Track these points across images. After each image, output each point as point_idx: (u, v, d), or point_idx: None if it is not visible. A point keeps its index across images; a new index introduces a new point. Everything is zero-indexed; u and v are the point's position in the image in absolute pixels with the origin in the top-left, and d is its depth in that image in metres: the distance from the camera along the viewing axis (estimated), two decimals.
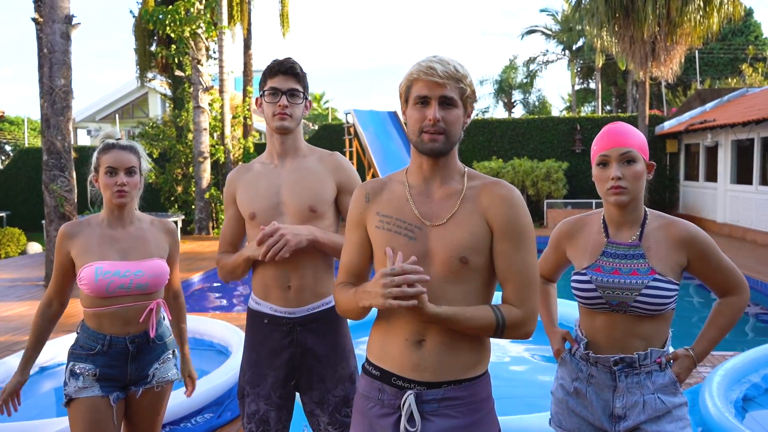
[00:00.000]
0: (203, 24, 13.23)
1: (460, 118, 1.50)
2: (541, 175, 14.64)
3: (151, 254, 2.23)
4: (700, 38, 14.05)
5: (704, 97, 16.57)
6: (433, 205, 1.53)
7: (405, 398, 1.49)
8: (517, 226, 1.50)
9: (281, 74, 2.02)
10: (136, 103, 25.33)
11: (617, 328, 1.76)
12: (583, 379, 1.81)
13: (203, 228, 14.18)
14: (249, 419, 2.05)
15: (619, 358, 1.75)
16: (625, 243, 1.78)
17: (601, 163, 1.78)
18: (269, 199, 2.05)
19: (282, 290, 2.03)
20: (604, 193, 1.78)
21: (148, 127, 15.49)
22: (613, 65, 28.71)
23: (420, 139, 1.49)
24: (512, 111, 38.04)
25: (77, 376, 2.14)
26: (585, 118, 16.69)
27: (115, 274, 2.13)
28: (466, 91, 1.49)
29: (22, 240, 12.67)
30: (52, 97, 7.90)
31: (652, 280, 1.70)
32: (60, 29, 7.85)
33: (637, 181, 1.74)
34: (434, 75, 1.45)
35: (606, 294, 1.75)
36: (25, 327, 6.13)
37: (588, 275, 1.78)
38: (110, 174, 2.16)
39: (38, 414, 3.99)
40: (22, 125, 36.53)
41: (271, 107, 2.03)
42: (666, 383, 1.74)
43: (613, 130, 1.78)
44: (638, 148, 1.75)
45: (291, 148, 2.10)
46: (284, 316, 2.03)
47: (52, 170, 7.95)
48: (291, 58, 2.06)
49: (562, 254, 1.93)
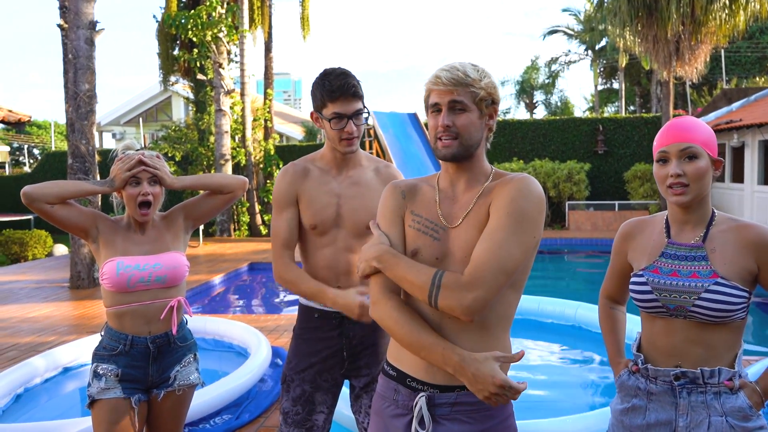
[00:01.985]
0: (225, 28, 13.36)
1: (475, 121, 1.50)
2: (563, 177, 14.50)
3: (167, 248, 2.29)
4: (726, 37, 13.78)
5: (730, 97, 16.27)
6: (456, 207, 1.54)
7: (417, 400, 1.50)
8: (510, 207, 1.43)
9: (343, 98, 1.97)
10: (159, 107, 25.66)
11: (677, 335, 1.64)
12: (642, 396, 1.70)
13: (225, 230, 14.31)
14: (294, 402, 2.08)
15: (681, 372, 1.62)
16: (687, 244, 1.66)
17: (661, 159, 1.65)
18: (329, 211, 2.08)
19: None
20: (664, 192, 1.66)
21: (171, 131, 15.69)
22: (636, 65, 28.35)
23: (436, 146, 1.52)
24: (534, 112, 37.77)
25: (100, 377, 2.17)
26: (608, 118, 16.49)
27: (135, 267, 2.18)
28: (478, 94, 1.49)
29: (48, 242, 12.91)
30: (76, 101, 8.04)
31: (714, 283, 1.58)
32: (84, 35, 7.99)
33: (701, 178, 1.60)
34: (440, 83, 1.49)
35: (662, 297, 1.63)
36: (50, 328, 6.24)
37: (644, 276, 1.67)
38: (134, 185, 2.23)
39: (62, 414, 4.05)
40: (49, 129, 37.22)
41: (338, 134, 2.02)
42: (739, 407, 1.59)
43: (674, 124, 1.65)
44: (702, 144, 1.62)
45: (351, 160, 2.13)
46: (333, 311, 2.08)
47: (76, 173, 8.08)
48: (347, 74, 2.00)
49: (624, 259, 1.81)
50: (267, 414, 3.87)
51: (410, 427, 1.51)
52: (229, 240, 13.85)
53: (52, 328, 6.24)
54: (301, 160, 2.17)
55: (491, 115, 1.54)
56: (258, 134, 15.35)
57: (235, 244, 12.94)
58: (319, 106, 2.02)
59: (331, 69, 2.02)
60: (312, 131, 22.41)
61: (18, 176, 19.64)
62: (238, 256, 11.23)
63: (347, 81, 1.98)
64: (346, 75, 1.99)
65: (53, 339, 5.77)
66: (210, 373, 4.70)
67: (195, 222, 2.42)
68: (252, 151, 14.82)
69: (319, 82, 2.01)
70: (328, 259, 2.08)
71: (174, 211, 2.39)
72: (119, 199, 2.32)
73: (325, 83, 1.98)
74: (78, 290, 8.24)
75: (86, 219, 2.23)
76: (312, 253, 2.11)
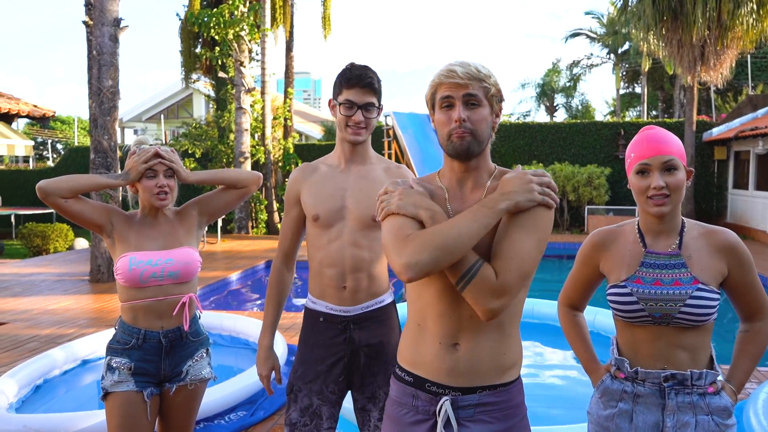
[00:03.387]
0: (246, 26, 13.44)
1: (487, 117, 1.49)
2: (583, 181, 14.37)
3: (180, 243, 2.31)
4: (753, 42, 13.56)
5: (756, 103, 16.00)
6: (464, 207, 1.51)
7: (441, 404, 1.48)
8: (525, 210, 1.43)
9: (358, 87, 2.02)
10: (181, 104, 25.90)
11: (661, 341, 1.69)
12: (628, 399, 1.73)
13: (243, 227, 14.40)
14: (302, 413, 2.07)
15: (670, 374, 1.67)
16: (665, 252, 1.71)
17: (641, 171, 1.70)
18: (334, 202, 2.09)
19: (338, 290, 2.08)
20: (643, 202, 1.71)
21: (192, 128, 15.82)
22: (659, 69, 27.99)
23: (449, 141, 1.47)
24: (554, 115, 37.48)
25: (113, 370, 2.20)
26: (629, 123, 16.30)
27: (148, 263, 2.21)
28: (490, 90, 1.48)
29: (69, 236, 13.09)
30: (99, 97, 8.14)
31: (696, 289, 1.64)
32: (108, 32, 8.08)
33: (680, 189, 1.68)
34: (455, 76, 1.46)
35: (649, 306, 1.67)
36: (70, 321, 6.32)
37: (628, 287, 1.70)
38: (150, 177, 2.26)
39: (80, 406, 4.10)
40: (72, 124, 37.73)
41: (345, 119, 2.05)
42: (724, 406, 1.68)
43: (652, 136, 1.70)
44: (678, 155, 1.69)
45: (359, 155, 2.14)
46: (339, 314, 2.08)
47: (98, 168, 8.18)
48: (369, 69, 2.06)
49: (595, 269, 1.83)
50: (281, 411, 3.88)
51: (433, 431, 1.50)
52: (247, 237, 13.93)
53: (71, 320, 6.32)
54: (315, 161, 2.22)
55: (498, 113, 1.53)
56: (277, 132, 15.42)
57: (253, 242, 13.02)
58: (336, 93, 2.08)
59: (356, 63, 2.08)
60: (331, 131, 22.45)
61: (41, 170, 19.94)
62: (255, 253, 11.30)
63: (366, 73, 2.03)
64: (366, 69, 2.05)
65: (72, 331, 5.84)
66: (225, 369, 4.73)
67: (209, 217, 2.44)
68: (271, 150, 14.88)
69: (341, 72, 2.07)
70: (333, 254, 2.07)
71: (188, 206, 2.41)
72: (133, 194, 2.36)
73: (346, 72, 2.05)
74: (98, 284, 8.34)
75: (100, 215, 2.26)
76: (317, 251, 2.11)
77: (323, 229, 2.08)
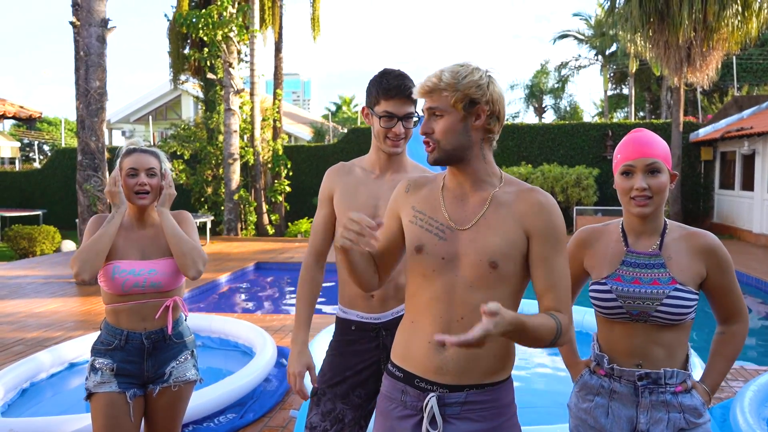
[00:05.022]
0: (235, 27, 13.41)
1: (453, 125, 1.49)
2: (571, 182, 14.45)
3: (165, 253, 2.29)
4: (738, 44, 13.70)
5: (741, 104, 16.17)
6: (464, 209, 1.54)
7: (427, 401, 1.49)
8: (556, 233, 1.50)
9: (398, 98, 1.95)
10: (169, 105, 25.78)
11: (637, 337, 1.74)
12: (605, 394, 1.78)
13: (232, 229, 14.34)
14: (323, 417, 2.04)
15: (645, 373, 1.72)
16: (646, 252, 1.76)
17: (626, 172, 1.76)
18: (366, 210, 2.03)
19: (366, 300, 2.06)
20: (626, 203, 1.77)
21: (181, 129, 15.75)
22: (647, 70, 28.21)
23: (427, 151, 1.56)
24: (543, 116, 37.66)
25: (96, 371, 2.21)
26: (617, 124, 16.41)
27: (131, 272, 2.22)
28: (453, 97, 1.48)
29: (57, 238, 12.97)
30: (87, 98, 8.09)
31: (673, 289, 1.69)
32: (96, 33, 8.03)
33: (662, 192, 1.73)
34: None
35: (626, 304, 1.73)
36: (57, 324, 6.26)
37: (608, 285, 1.76)
38: (132, 176, 2.26)
39: (67, 409, 4.06)
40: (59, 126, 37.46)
41: (385, 132, 2.00)
42: (695, 406, 1.73)
43: (638, 139, 1.76)
44: (663, 158, 1.73)
45: (395, 163, 2.10)
46: (370, 322, 2.07)
47: (86, 170, 8.13)
48: (406, 77, 1.98)
49: (580, 266, 1.88)
50: (271, 414, 3.86)
51: (419, 428, 1.51)
52: (236, 239, 13.87)
53: (58, 323, 6.27)
54: (351, 162, 2.16)
55: (478, 115, 1.49)
56: (267, 134, 15.38)
57: (242, 243, 12.97)
58: (373, 102, 2.00)
59: (391, 69, 2.01)
60: (320, 132, 22.41)
61: (27, 172, 19.74)
62: (244, 255, 11.25)
63: (404, 82, 1.95)
64: (404, 77, 1.97)
65: (59, 334, 5.79)
66: (215, 371, 4.70)
67: None
68: (260, 151, 14.84)
69: (376, 80, 1.99)
70: None
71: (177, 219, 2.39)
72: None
73: (383, 81, 1.97)
74: (85, 286, 8.27)
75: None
76: None
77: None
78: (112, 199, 2.26)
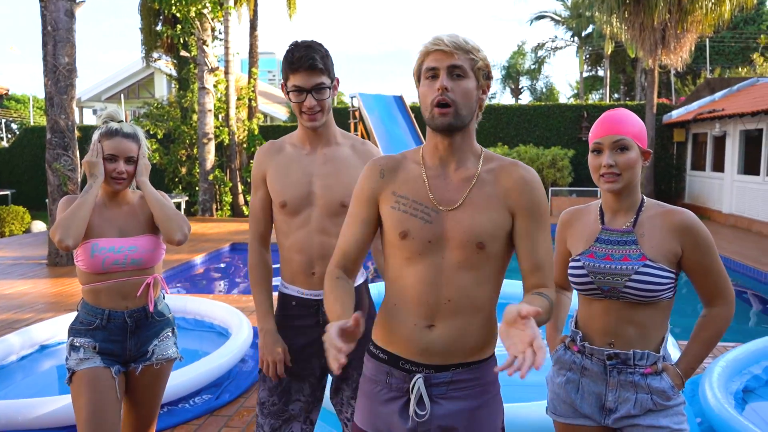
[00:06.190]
0: (209, 4, 13.13)
1: (472, 91, 1.45)
2: (546, 163, 14.56)
3: (144, 230, 2.26)
4: (711, 26, 13.86)
5: (713, 86, 16.39)
6: (449, 188, 1.50)
7: (414, 382, 1.48)
8: (540, 209, 1.49)
9: (303, 70, 1.90)
10: (141, 84, 25.24)
11: (611, 315, 1.75)
12: (576, 370, 1.81)
13: (207, 209, 14.19)
14: (270, 392, 2.06)
15: (613, 353, 1.74)
16: (619, 229, 1.78)
17: (595, 150, 1.78)
18: (300, 188, 2.01)
19: (307, 276, 2.04)
20: (597, 180, 1.79)
21: (154, 108, 15.45)
22: (622, 52, 28.41)
23: (431, 114, 1.45)
24: (519, 97, 37.80)
25: (77, 348, 2.16)
26: (592, 105, 16.54)
27: (110, 250, 2.17)
28: (477, 63, 1.45)
29: (26, 218, 12.70)
30: (55, 75, 7.86)
31: (642, 266, 1.69)
32: (64, 6, 7.79)
33: (630, 168, 1.73)
34: (441, 44, 1.43)
35: (597, 279, 1.74)
36: (27, 305, 6.15)
37: (581, 261, 1.78)
38: (110, 161, 2.20)
39: (38, 392, 4.01)
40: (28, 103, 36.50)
41: (298, 106, 1.96)
42: (663, 389, 1.72)
43: (608, 117, 1.77)
44: (633, 136, 1.74)
45: (324, 137, 2.06)
46: (310, 298, 2.05)
47: (55, 149, 7.94)
48: (310, 46, 1.92)
49: (565, 246, 1.91)
50: (247, 394, 3.85)
51: (406, 409, 1.50)
52: (211, 220, 13.73)
53: (29, 305, 6.15)
54: (281, 139, 2.14)
55: (485, 89, 1.50)
56: (242, 113, 15.18)
57: (217, 224, 12.84)
58: (285, 78, 1.98)
59: (301, 41, 1.95)
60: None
61: None
62: (220, 236, 11.15)
63: (308, 53, 1.90)
64: (309, 47, 1.92)
65: (30, 316, 5.69)
66: (191, 352, 4.67)
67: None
68: (235, 131, 14.65)
69: (285, 54, 1.96)
70: (301, 242, 2.02)
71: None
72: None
73: (288, 55, 1.93)
74: (56, 267, 8.12)
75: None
76: (286, 238, 2.06)
77: (290, 215, 2.03)
78: (91, 169, 2.18)
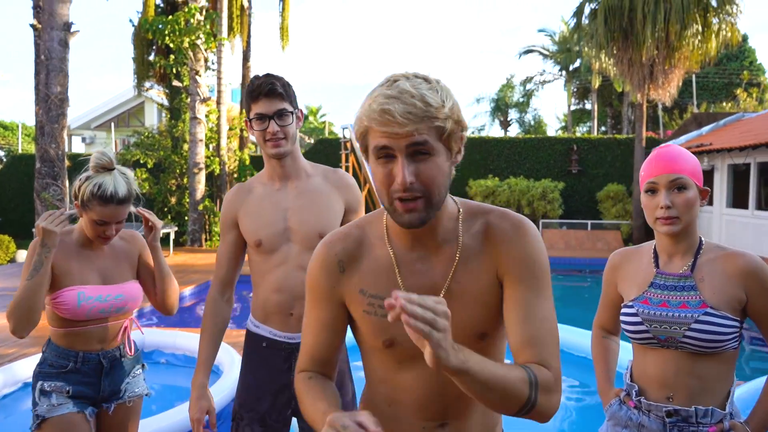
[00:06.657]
0: (203, 35, 13.20)
1: (443, 167, 1.12)
2: (537, 195, 14.63)
3: (128, 276, 2.20)
4: (698, 62, 14.14)
5: (700, 121, 16.64)
6: (427, 274, 1.20)
7: None
8: (535, 268, 1.17)
9: (264, 97, 1.89)
10: (132, 112, 25.23)
11: (669, 366, 1.61)
12: (633, 427, 1.67)
13: (196, 240, 14.05)
14: None
15: (673, 409, 1.59)
16: (675, 274, 1.65)
17: (650, 190, 1.66)
18: (275, 225, 1.96)
19: (284, 316, 1.97)
20: (653, 222, 1.67)
21: (144, 137, 15.40)
22: (608, 86, 28.89)
23: (393, 208, 1.12)
24: (508, 129, 38.18)
25: (48, 394, 2.06)
26: (582, 138, 16.73)
27: (97, 299, 2.09)
28: (445, 128, 1.09)
29: (11, 248, 12.49)
30: (47, 104, 7.80)
31: (703, 314, 1.56)
32: (58, 36, 7.77)
33: (689, 209, 1.61)
34: (392, 122, 1.06)
35: (653, 328, 1.61)
36: (10, 339, 5.97)
37: (634, 308, 1.66)
38: (100, 224, 2.05)
39: None
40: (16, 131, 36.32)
41: (262, 134, 1.92)
42: None
43: (662, 154, 1.65)
44: (690, 174, 1.63)
45: (292, 170, 2.01)
46: (284, 341, 1.97)
47: (44, 178, 7.83)
48: (271, 75, 1.93)
49: (615, 290, 1.79)
50: None
51: None
52: (200, 250, 13.58)
53: (12, 339, 5.97)
54: (248, 180, 2.10)
55: (459, 149, 1.16)
56: (233, 143, 15.16)
57: (207, 255, 12.69)
58: (247, 111, 1.96)
59: (259, 74, 1.96)
60: None
61: None
62: (209, 267, 11.00)
63: (268, 80, 1.90)
64: (269, 75, 1.93)
65: (13, 351, 5.52)
66: (181, 390, 4.53)
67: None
68: (226, 161, 14.61)
69: (246, 88, 1.96)
70: (280, 281, 1.95)
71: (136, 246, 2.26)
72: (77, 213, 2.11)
73: (248, 86, 1.94)
74: None
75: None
76: (262, 278, 1.98)
77: (267, 254, 1.96)
78: (46, 238, 1.93)
